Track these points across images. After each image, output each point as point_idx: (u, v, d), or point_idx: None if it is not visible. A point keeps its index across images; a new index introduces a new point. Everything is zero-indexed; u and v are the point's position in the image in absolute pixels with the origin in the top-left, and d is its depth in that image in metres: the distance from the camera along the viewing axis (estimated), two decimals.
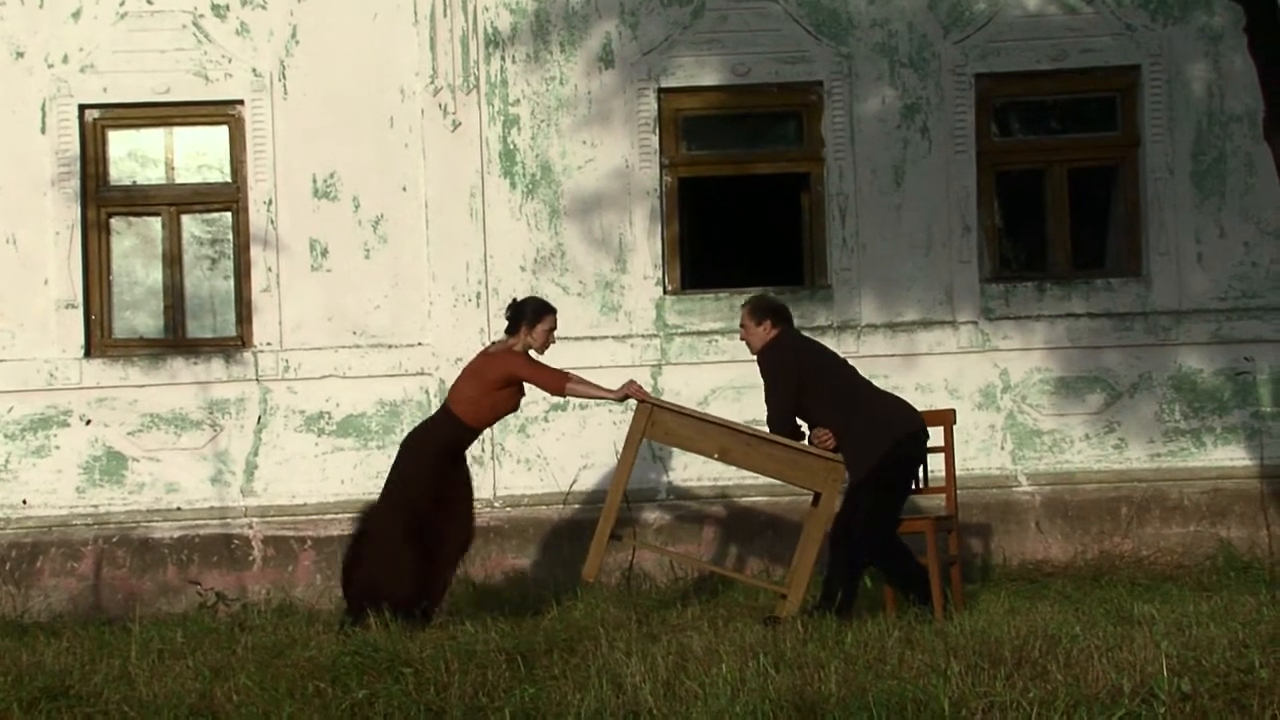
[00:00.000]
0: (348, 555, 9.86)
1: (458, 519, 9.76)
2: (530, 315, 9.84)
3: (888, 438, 9.43)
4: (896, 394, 11.91)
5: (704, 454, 9.97)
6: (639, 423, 9.55)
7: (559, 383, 9.73)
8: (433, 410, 11.90)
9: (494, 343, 10.33)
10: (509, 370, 9.71)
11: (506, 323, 9.92)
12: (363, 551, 9.70)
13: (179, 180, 12.44)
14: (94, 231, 12.25)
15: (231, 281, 12.38)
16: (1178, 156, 12.29)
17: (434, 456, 9.66)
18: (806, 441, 9.60)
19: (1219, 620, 8.14)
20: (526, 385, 9.86)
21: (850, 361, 11.95)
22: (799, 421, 9.66)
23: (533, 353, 9.87)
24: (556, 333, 10.00)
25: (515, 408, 9.94)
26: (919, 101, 12.30)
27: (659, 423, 9.58)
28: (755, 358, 9.79)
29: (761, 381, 9.71)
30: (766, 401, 9.65)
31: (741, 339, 9.98)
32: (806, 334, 12.07)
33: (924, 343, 12.22)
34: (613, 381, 11.99)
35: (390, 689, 7.02)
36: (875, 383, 11.95)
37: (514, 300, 10.03)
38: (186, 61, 12.24)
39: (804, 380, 9.56)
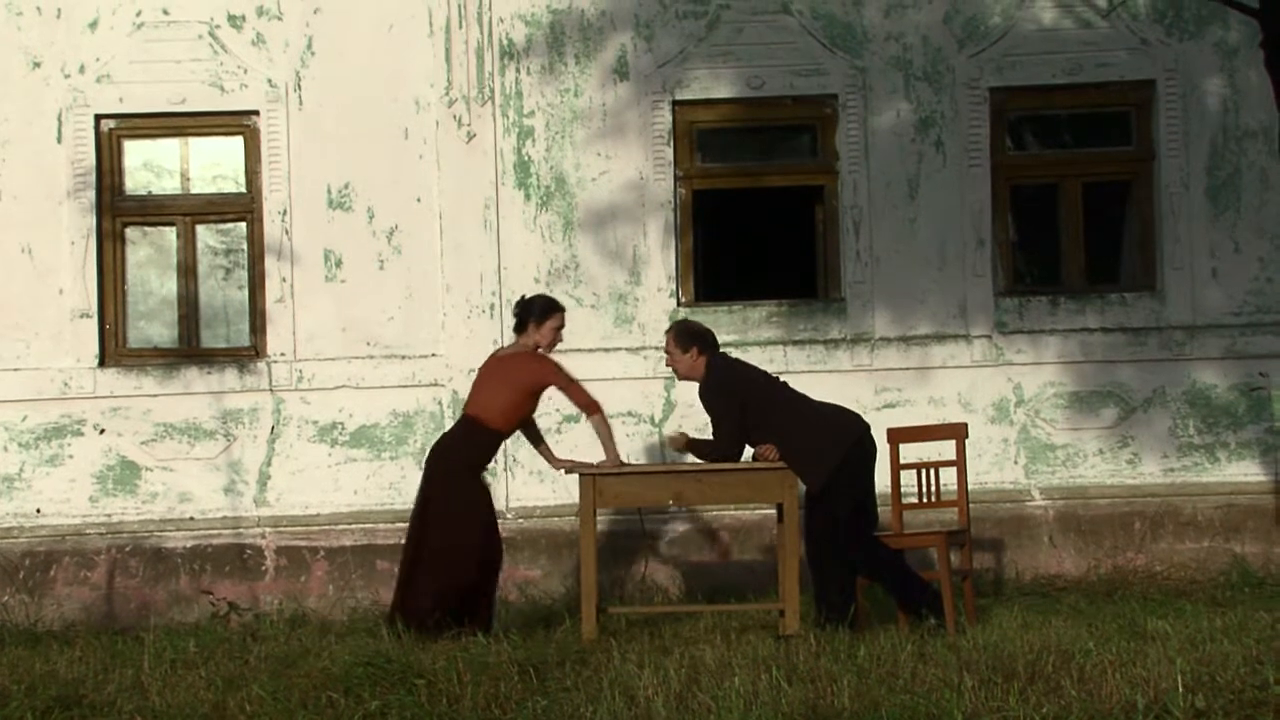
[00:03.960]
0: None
1: (483, 532, 9.70)
2: (538, 313, 9.80)
3: (839, 447, 9.39)
4: (909, 405, 11.98)
5: (659, 504, 10.01)
6: (587, 497, 9.49)
7: (595, 407, 9.73)
8: (448, 422, 11.94)
9: (504, 347, 10.31)
10: (543, 379, 9.71)
11: (514, 320, 9.91)
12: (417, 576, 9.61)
13: (194, 190, 12.46)
14: (109, 241, 12.28)
15: (246, 292, 12.40)
16: (1192, 171, 12.28)
17: (467, 471, 9.65)
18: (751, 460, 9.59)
19: (1233, 636, 8.13)
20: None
21: (863, 375, 12.06)
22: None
23: (541, 352, 9.85)
24: (572, 335, 9.92)
25: (533, 411, 9.98)
26: (933, 115, 12.30)
27: (606, 489, 9.55)
28: (688, 383, 9.71)
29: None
30: (715, 432, 9.58)
31: (667, 365, 9.94)
32: (820, 346, 12.10)
33: (937, 356, 12.21)
34: (629, 394, 12.05)
35: (403, 700, 7.02)
36: (888, 397, 12.06)
37: (522, 298, 10.03)
38: (202, 72, 12.26)
39: (746, 402, 9.50)
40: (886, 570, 9.46)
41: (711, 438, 9.64)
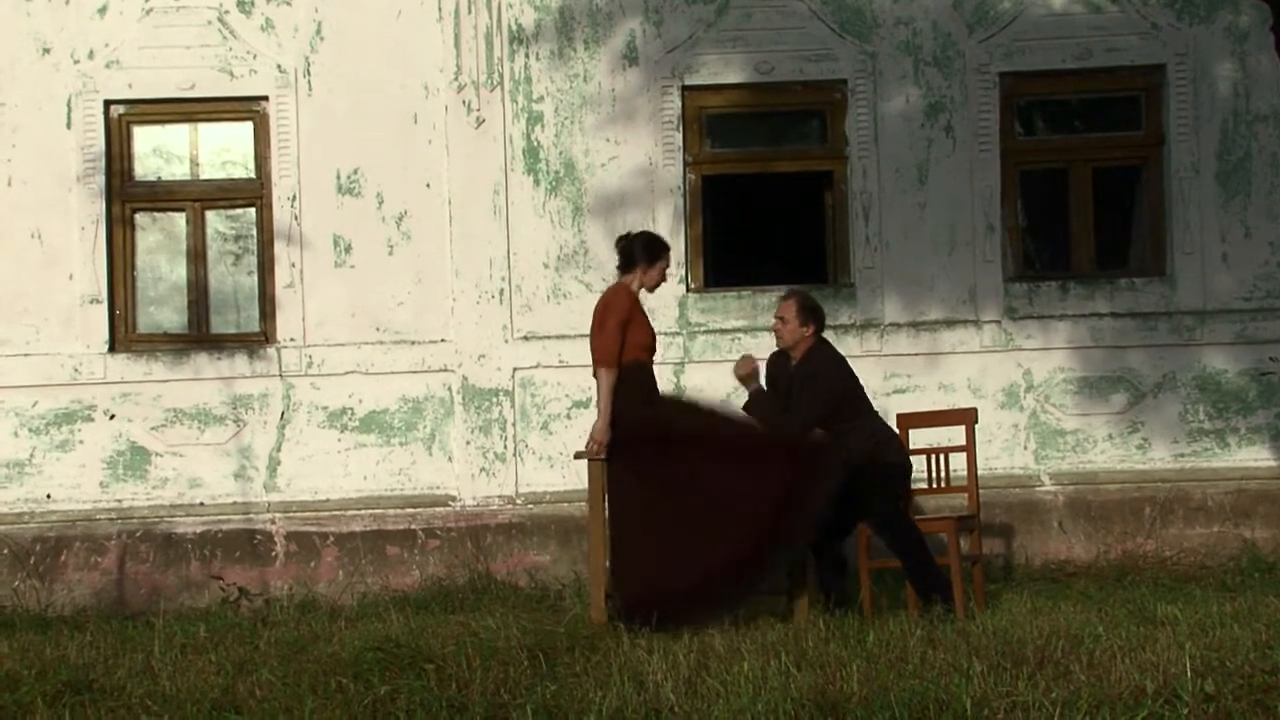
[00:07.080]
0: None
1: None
2: (649, 252, 9.36)
3: (881, 457, 9.46)
4: (918, 390, 12.01)
5: None
6: (596, 481, 9.42)
7: (608, 362, 9.28)
8: (457, 408, 11.98)
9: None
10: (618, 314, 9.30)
11: (620, 259, 9.42)
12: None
13: (203, 176, 12.47)
14: (119, 227, 12.29)
15: (255, 277, 12.42)
16: (1203, 156, 12.26)
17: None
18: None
19: (1243, 621, 8.12)
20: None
21: (872, 360, 12.06)
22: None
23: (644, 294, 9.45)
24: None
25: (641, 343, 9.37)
26: (943, 100, 12.28)
27: None
28: (795, 358, 9.64)
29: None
30: (798, 409, 9.51)
31: (775, 330, 9.84)
32: (829, 332, 12.09)
33: (947, 342, 12.20)
34: None
35: (412, 684, 7.03)
36: (898, 382, 12.09)
37: (626, 235, 9.53)
38: (211, 57, 12.27)
39: (840, 393, 9.53)
40: (912, 550, 9.43)
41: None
